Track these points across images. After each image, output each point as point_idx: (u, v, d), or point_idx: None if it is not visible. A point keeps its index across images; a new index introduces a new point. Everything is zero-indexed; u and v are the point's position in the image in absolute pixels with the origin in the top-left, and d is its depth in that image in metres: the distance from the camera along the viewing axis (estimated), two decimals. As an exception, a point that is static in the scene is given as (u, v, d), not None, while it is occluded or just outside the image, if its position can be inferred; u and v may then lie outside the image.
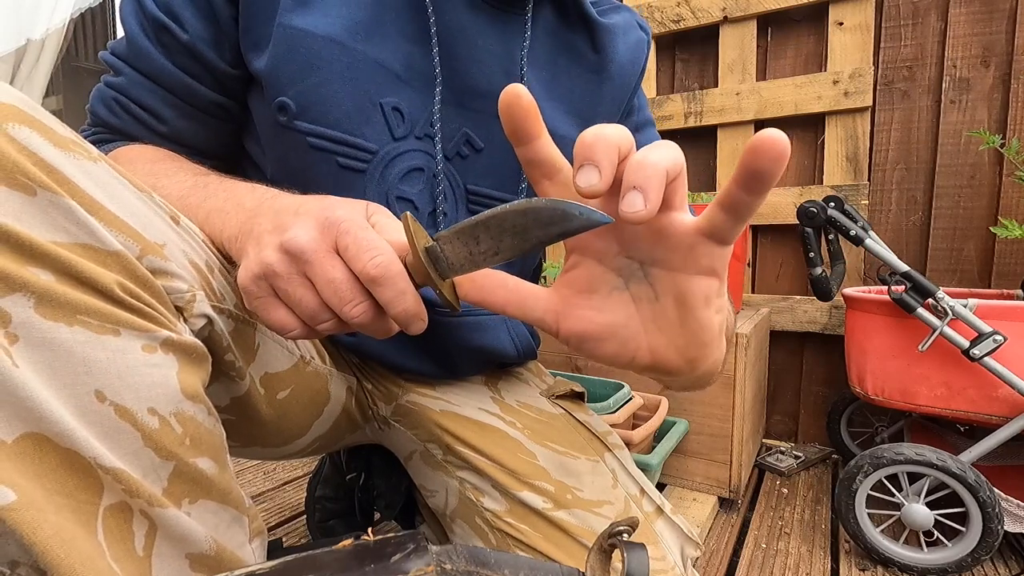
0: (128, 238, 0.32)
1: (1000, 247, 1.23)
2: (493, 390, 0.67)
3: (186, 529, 0.33)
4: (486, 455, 0.59)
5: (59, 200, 0.29)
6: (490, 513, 0.58)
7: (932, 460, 0.87)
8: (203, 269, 0.38)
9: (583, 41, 0.62)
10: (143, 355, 0.31)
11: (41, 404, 0.26)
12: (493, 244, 0.32)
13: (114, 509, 0.29)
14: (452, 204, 0.57)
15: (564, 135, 0.61)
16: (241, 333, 0.44)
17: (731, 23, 1.44)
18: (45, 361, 0.27)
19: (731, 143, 1.48)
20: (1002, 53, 1.22)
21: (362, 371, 0.64)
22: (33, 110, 0.30)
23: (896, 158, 1.33)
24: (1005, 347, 0.88)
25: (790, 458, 1.35)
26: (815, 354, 1.45)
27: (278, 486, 1.21)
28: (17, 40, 2.10)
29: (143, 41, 0.52)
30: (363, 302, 0.34)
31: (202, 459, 0.34)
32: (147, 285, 0.32)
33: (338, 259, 0.33)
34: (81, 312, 0.28)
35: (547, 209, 0.30)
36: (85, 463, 0.28)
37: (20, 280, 0.27)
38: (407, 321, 0.35)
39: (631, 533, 0.32)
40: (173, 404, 0.32)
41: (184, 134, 0.56)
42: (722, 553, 0.99)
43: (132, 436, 0.30)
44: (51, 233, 0.28)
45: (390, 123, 0.53)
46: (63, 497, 0.27)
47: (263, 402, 0.48)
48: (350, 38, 0.50)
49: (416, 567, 0.26)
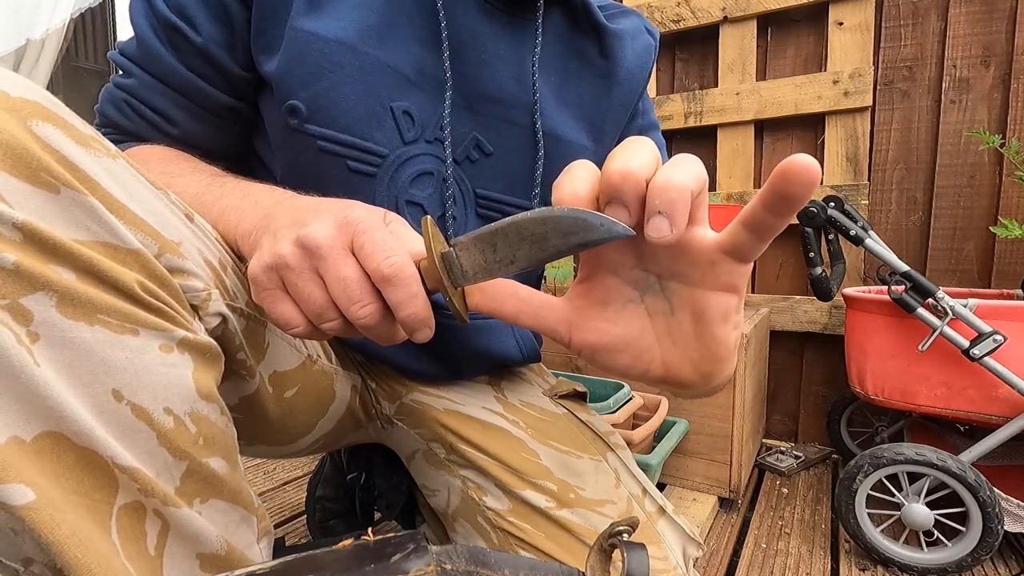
0: (147, 236, 0.32)
1: (1000, 247, 1.23)
2: (497, 390, 0.67)
3: (198, 529, 0.33)
4: (489, 454, 0.59)
5: (82, 198, 0.29)
6: (492, 512, 0.58)
7: (932, 460, 0.87)
8: (216, 267, 0.39)
9: (592, 47, 0.62)
10: (160, 355, 0.31)
11: (61, 403, 0.27)
12: (509, 252, 0.31)
13: (128, 508, 0.30)
14: (461, 208, 0.57)
15: (574, 141, 0.61)
16: (252, 332, 0.44)
17: (731, 23, 1.44)
18: (65, 360, 0.27)
19: (731, 143, 1.48)
20: (1002, 53, 1.22)
21: (367, 369, 0.64)
22: (56, 107, 0.30)
23: (896, 158, 1.33)
24: (1005, 347, 0.88)
25: (790, 458, 1.35)
26: (815, 354, 1.45)
27: (278, 486, 1.21)
28: (17, 40, 2.10)
29: (154, 43, 0.51)
30: (371, 303, 0.33)
31: (214, 459, 0.34)
32: (165, 284, 0.32)
33: (352, 258, 0.33)
34: (102, 311, 0.29)
35: (568, 218, 0.29)
36: (102, 462, 0.28)
37: (43, 279, 0.27)
38: (414, 326, 0.34)
39: (631, 533, 0.32)
40: (188, 404, 0.32)
41: (196, 136, 0.56)
42: (722, 553, 0.99)
43: (148, 435, 0.30)
44: (73, 231, 0.28)
45: (400, 127, 0.53)
46: (79, 496, 0.28)
47: (271, 401, 0.48)
48: (362, 42, 0.50)
49: (416, 567, 0.26)
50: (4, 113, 0.27)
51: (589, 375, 1.23)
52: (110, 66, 2.50)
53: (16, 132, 0.27)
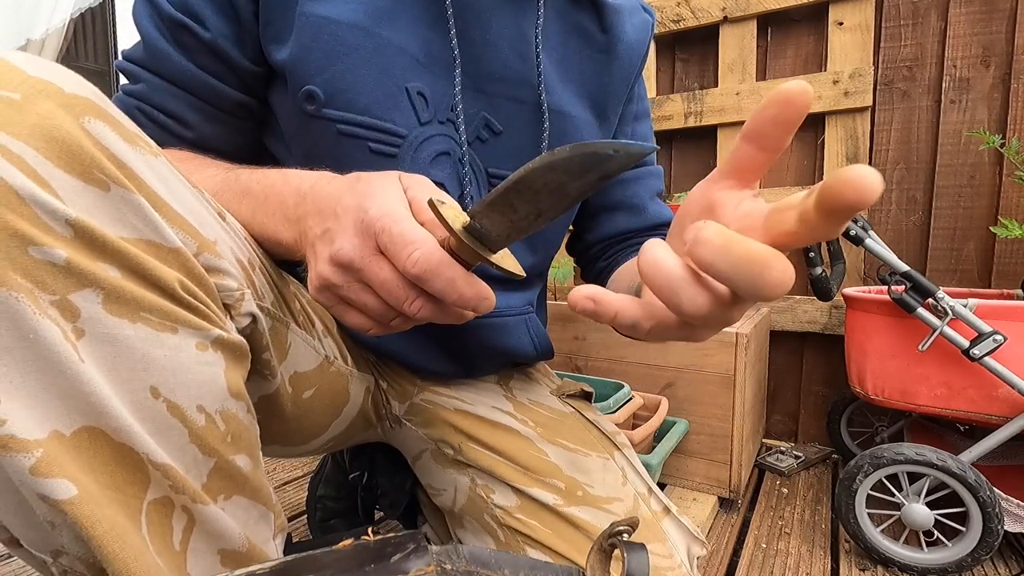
0: (187, 235, 0.32)
1: (1000, 247, 1.23)
2: (506, 389, 0.67)
3: (223, 526, 0.33)
4: (498, 452, 0.60)
5: (130, 196, 0.29)
6: (500, 510, 0.58)
7: (932, 460, 0.87)
8: (247, 266, 0.39)
9: (591, 21, 0.62)
10: (196, 353, 0.31)
11: (102, 399, 0.27)
12: (532, 208, 0.30)
13: (157, 504, 0.30)
14: (476, 188, 0.57)
15: (576, 116, 0.61)
16: (276, 332, 0.44)
17: (731, 23, 1.44)
18: (108, 357, 0.28)
19: (731, 143, 1.47)
20: (1002, 53, 1.22)
21: (378, 369, 0.64)
22: (106, 103, 0.30)
23: (896, 158, 1.33)
24: (1005, 347, 0.88)
25: (790, 458, 1.35)
26: (815, 354, 1.45)
27: (278, 486, 1.21)
28: (17, 40, 2.10)
29: (161, 43, 0.51)
30: (418, 298, 0.33)
31: (240, 456, 0.35)
32: (203, 283, 0.33)
33: (384, 260, 0.33)
34: (144, 309, 0.29)
35: (577, 158, 0.27)
36: (137, 458, 0.29)
37: (91, 276, 0.27)
38: (468, 306, 0.34)
39: (631, 533, 0.32)
40: (219, 402, 0.33)
41: (210, 138, 0.55)
42: (722, 553, 0.99)
43: (180, 432, 0.31)
44: (120, 229, 0.29)
45: (416, 108, 0.53)
46: (113, 491, 0.28)
47: (289, 401, 0.49)
48: (373, 23, 0.50)
49: (416, 567, 0.26)
50: (59, 109, 0.27)
51: (589, 375, 1.23)
52: (110, 66, 2.50)
53: (71, 129, 0.27)
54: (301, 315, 0.50)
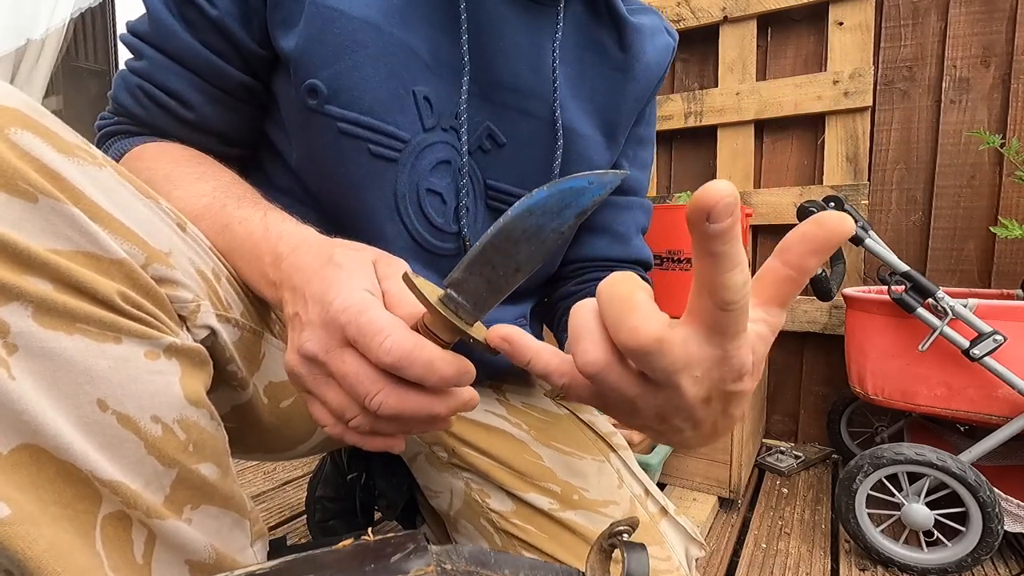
0: (133, 246, 0.31)
1: (1000, 247, 1.23)
2: (499, 392, 0.67)
3: (185, 538, 0.32)
4: (492, 456, 0.59)
5: (62, 207, 0.28)
6: (496, 514, 0.58)
7: (932, 460, 0.87)
8: (209, 277, 0.38)
9: (610, 38, 0.60)
10: (146, 362, 0.30)
11: (37, 416, 0.26)
12: (510, 261, 0.29)
13: (113, 518, 0.29)
14: (472, 200, 0.56)
15: (585, 134, 0.59)
16: (247, 343, 0.43)
17: (731, 23, 1.44)
18: (46, 371, 0.27)
19: (731, 143, 1.48)
20: (1002, 53, 1.22)
21: None
22: (37, 114, 0.29)
23: (896, 158, 1.33)
24: (1005, 347, 0.88)
25: (790, 458, 1.34)
26: (815, 354, 1.45)
27: (278, 486, 1.21)
28: (17, 40, 2.10)
29: (167, 18, 0.49)
30: (380, 392, 0.31)
31: (205, 464, 0.34)
32: (150, 294, 0.32)
33: (350, 352, 0.31)
34: (80, 320, 0.28)
35: (553, 195, 0.26)
36: (82, 476, 0.28)
37: (17, 289, 0.26)
38: (450, 385, 0.32)
39: (631, 533, 0.32)
40: (176, 410, 0.32)
41: (212, 121, 0.53)
42: (722, 553, 0.99)
43: (135, 444, 0.30)
44: (52, 241, 0.28)
45: (421, 112, 0.51)
46: (60, 507, 0.27)
47: (265, 411, 0.48)
48: (385, 21, 0.48)
49: (416, 567, 0.26)
50: None
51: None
52: (110, 66, 2.50)
53: None
54: (278, 324, 0.48)
